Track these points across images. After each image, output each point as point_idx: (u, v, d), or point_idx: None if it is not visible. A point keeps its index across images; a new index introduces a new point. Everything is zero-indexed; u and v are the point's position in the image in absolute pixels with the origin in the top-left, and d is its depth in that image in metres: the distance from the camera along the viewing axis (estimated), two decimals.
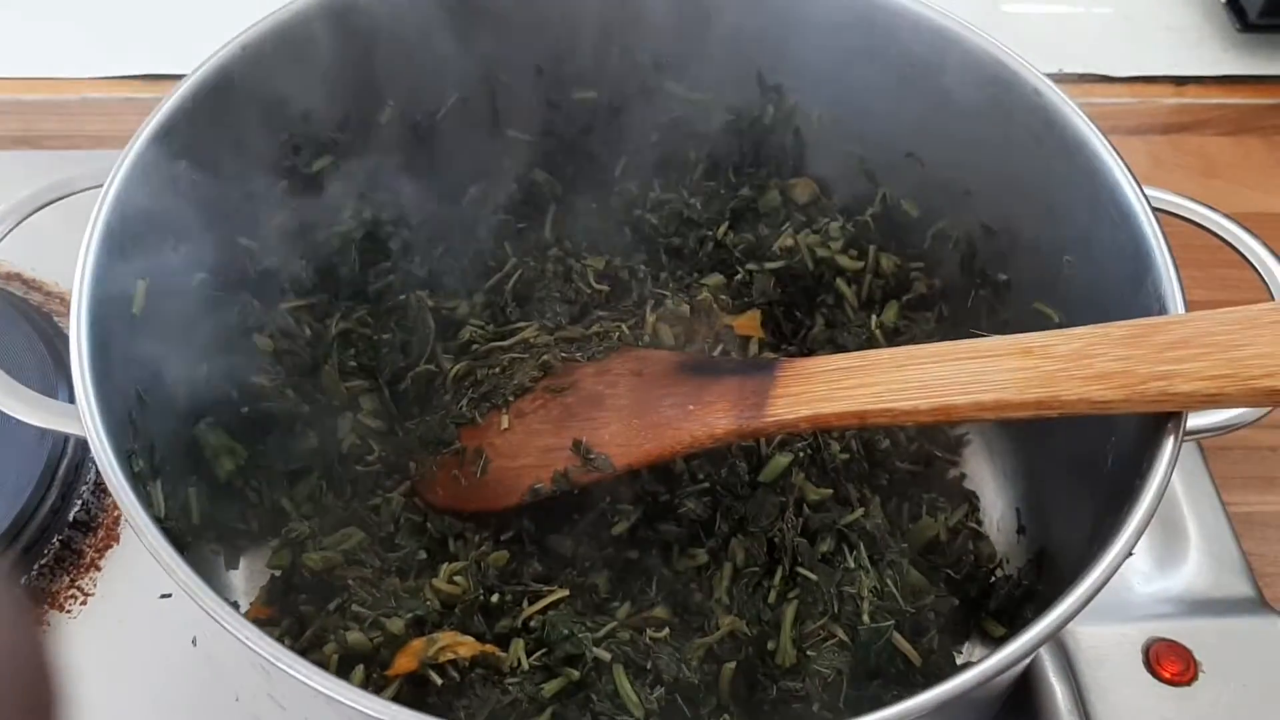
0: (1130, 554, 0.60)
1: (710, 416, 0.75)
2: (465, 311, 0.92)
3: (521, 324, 0.89)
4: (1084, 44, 1.32)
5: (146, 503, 0.63)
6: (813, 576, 0.75)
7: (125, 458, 0.66)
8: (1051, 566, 0.83)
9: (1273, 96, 1.28)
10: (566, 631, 0.73)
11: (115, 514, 0.92)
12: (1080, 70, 1.29)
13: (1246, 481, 0.99)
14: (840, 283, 0.93)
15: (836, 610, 0.75)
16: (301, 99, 0.87)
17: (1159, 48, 1.32)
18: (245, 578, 0.85)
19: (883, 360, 0.72)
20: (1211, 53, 1.31)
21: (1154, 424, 0.67)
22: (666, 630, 0.75)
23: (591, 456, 0.77)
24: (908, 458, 0.89)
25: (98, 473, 0.84)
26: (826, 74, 0.92)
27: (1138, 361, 0.64)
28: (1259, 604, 0.90)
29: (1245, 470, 0.99)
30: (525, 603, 0.76)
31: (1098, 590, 0.59)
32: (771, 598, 0.76)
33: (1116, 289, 0.75)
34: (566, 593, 0.76)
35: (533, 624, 0.75)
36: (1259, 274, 0.78)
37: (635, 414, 0.78)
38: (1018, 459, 0.92)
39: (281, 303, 0.89)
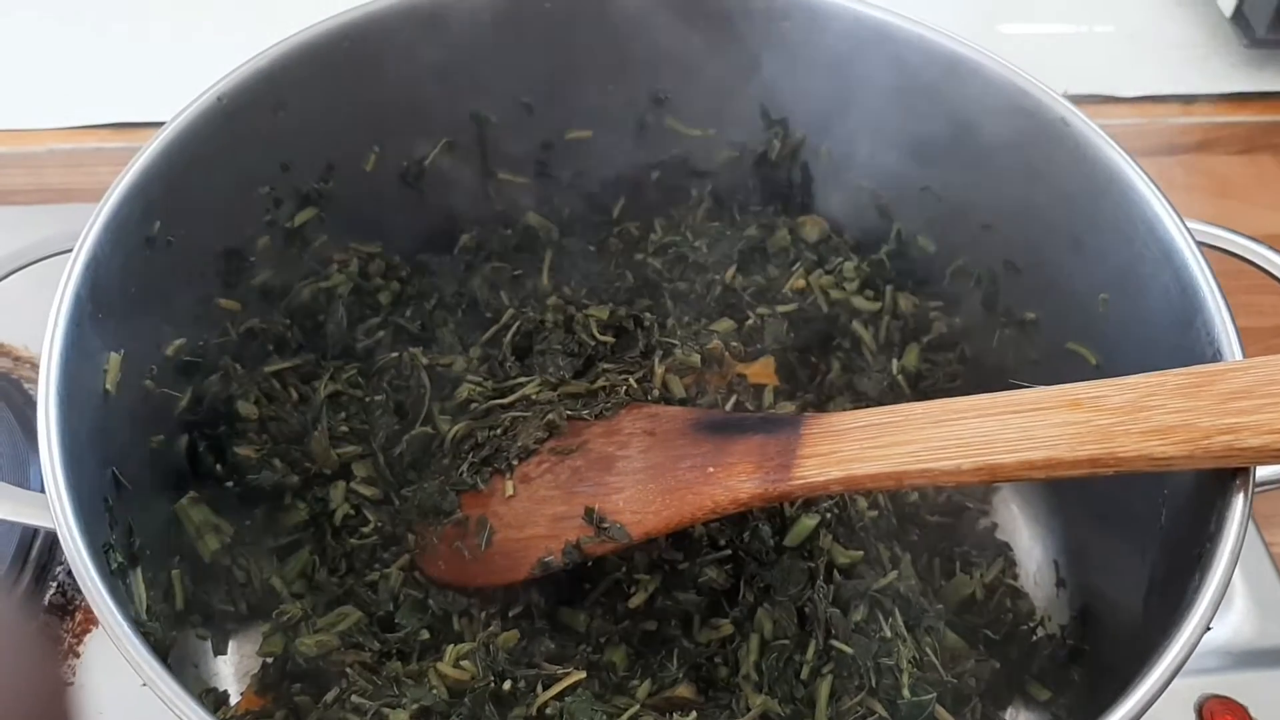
0: (1209, 628, 0.55)
1: (732, 479, 0.70)
2: (462, 367, 0.87)
3: (522, 379, 0.84)
4: (1087, 64, 1.28)
5: (126, 604, 0.57)
6: (848, 650, 0.70)
7: (101, 554, 0.60)
8: (1097, 624, 0.78)
9: None
10: (586, 719, 0.67)
11: None
12: (1085, 91, 1.24)
13: None
14: (857, 325, 0.89)
15: (874, 684, 0.70)
16: (282, 149, 0.82)
17: (1165, 66, 1.28)
18: (235, 663, 0.80)
19: (917, 415, 0.67)
20: (1219, 69, 1.27)
21: (1216, 478, 0.62)
22: (694, 714, 0.69)
23: (605, 526, 0.72)
24: (937, 510, 0.84)
25: None
26: (834, 106, 0.88)
27: (1200, 414, 0.59)
28: None
29: None
30: (539, 688, 0.70)
31: (1176, 672, 0.54)
32: (804, 673, 0.71)
33: (1161, 330, 0.71)
34: (583, 674, 0.71)
35: (549, 711, 0.69)
36: None
37: (650, 477, 0.73)
38: (1052, 506, 0.87)
39: (265, 365, 0.84)
